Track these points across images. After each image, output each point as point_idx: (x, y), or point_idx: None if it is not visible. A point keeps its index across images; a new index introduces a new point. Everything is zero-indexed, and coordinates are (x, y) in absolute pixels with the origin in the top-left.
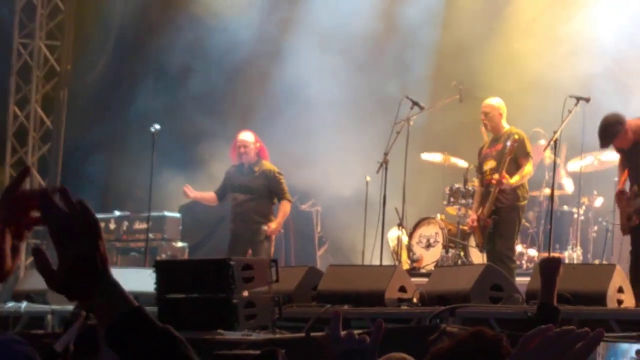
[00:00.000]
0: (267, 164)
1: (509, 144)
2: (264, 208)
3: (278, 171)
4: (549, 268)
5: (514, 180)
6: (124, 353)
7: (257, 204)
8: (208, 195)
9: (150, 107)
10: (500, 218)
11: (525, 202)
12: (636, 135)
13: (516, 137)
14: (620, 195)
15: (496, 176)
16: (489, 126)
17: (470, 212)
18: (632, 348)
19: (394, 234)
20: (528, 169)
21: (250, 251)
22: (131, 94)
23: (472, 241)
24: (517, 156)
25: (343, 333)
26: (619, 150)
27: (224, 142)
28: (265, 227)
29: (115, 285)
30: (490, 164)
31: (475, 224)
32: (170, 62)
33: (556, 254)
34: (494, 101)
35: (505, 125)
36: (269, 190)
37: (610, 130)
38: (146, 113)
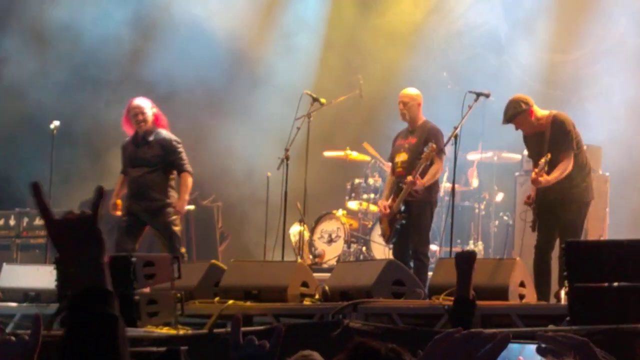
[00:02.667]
0: (164, 132)
1: (426, 149)
2: (162, 182)
3: (175, 139)
4: (465, 262)
5: (426, 179)
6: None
7: (153, 178)
8: (120, 185)
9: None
10: (412, 213)
11: (437, 195)
12: (540, 123)
13: (434, 145)
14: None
15: (410, 178)
16: (407, 116)
17: (372, 206)
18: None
19: (295, 230)
20: (439, 165)
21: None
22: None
23: (374, 236)
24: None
25: (244, 339)
26: (524, 134)
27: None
28: (170, 209)
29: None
30: (402, 157)
31: (387, 211)
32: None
33: (457, 249)
34: (412, 91)
35: (422, 117)
36: (166, 162)
37: (514, 106)
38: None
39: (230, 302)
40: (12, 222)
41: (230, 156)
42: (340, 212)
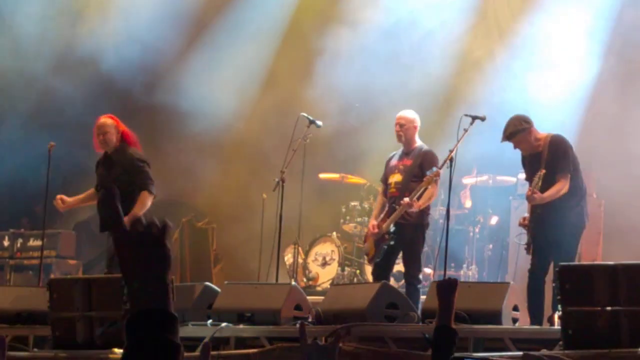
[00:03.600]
0: (129, 152)
1: (429, 173)
2: (125, 207)
3: (139, 158)
4: (446, 290)
5: (422, 202)
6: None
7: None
8: (87, 195)
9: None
10: (405, 237)
11: (429, 218)
12: (538, 144)
13: (438, 171)
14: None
15: (406, 200)
16: (403, 138)
17: (367, 229)
18: None
19: (290, 252)
20: (434, 189)
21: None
22: None
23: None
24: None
25: None
26: (522, 156)
27: None
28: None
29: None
30: (396, 177)
31: (376, 230)
32: None
33: (451, 272)
34: (409, 114)
35: (418, 140)
36: (128, 183)
37: (514, 124)
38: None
39: (224, 325)
40: (5, 242)
41: (225, 178)
42: (334, 235)
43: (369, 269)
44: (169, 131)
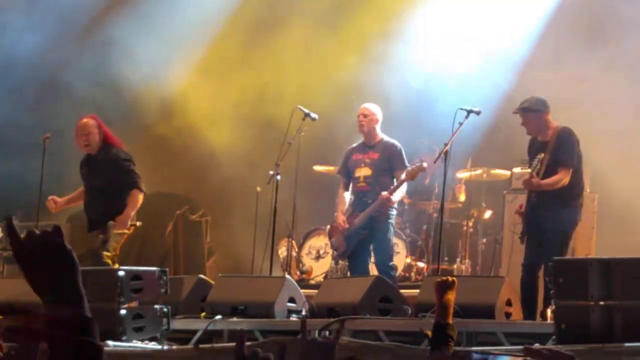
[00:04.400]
0: (113, 152)
1: (410, 167)
2: (114, 207)
3: (124, 157)
4: (445, 289)
5: (397, 196)
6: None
7: (103, 202)
8: (77, 194)
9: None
10: (378, 229)
11: (396, 209)
12: (546, 132)
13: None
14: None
15: (385, 194)
16: (366, 128)
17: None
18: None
19: (284, 245)
20: (405, 183)
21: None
22: None
23: None
24: (396, 168)
25: (248, 351)
26: (527, 133)
27: None
28: (110, 222)
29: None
30: (364, 172)
31: (347, 225)
32: None
33: (445, 266)
34: (373, 106)
35: (380, 134)
36: (116, 183)
37: (531, 102)
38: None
39: (217, 317)
40: None
41: (219, 170)
42: (328, 228)
43: None
44: (163, 123)
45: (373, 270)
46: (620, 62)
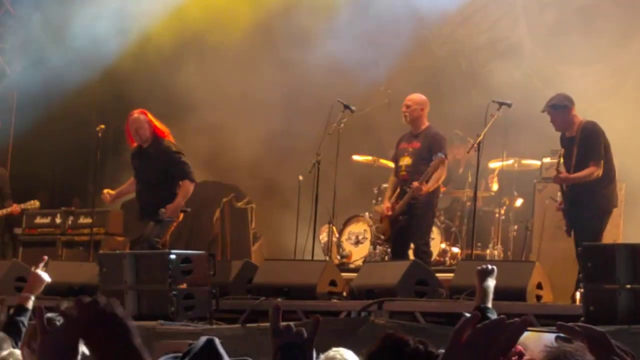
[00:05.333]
0: (164, 145)
1: (435, 158)
2: (165, 196)
3: (175, 149)
4: (485, 275)
5: (430, 184)
6: None
7: (155, 192)
8: (128, 185)
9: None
10: (414, 215)
11: (438, 197)
12: (572, 127)
13: (443, 157)
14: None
15: (415, 184)
16: (409, 118)
17: None
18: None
19: (324, 231)
20: (442, 171)
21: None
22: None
23: None
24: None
25: (282, 325)
26: (555, 129)
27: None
28: (162, 209)
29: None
30: (406, 161)
31: (390, 212)
32: None
33: (478, 252)
34: (417, 96)
35: (426, 122)
36: (167, 174)
37: (558, 99)
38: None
39: (262, 298)
40: (58, 220)
41: (263, 159)
42: (367, 215)
43: None
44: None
45: (411, 256)
46: None
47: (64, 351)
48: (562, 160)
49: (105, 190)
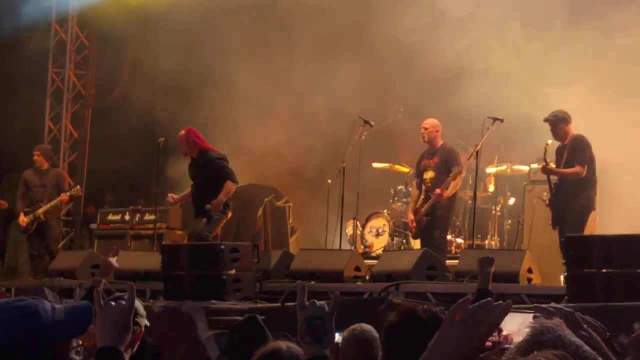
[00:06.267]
0: (209, 154)
1: (454, 170)
2: (212, 195)
3: (219, 157)
4: (486, 264)
5: (450, 191)
6: None
7: (204, 197)
8: (188, 193)
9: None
10: (437, 214)
11: (456, 201)
12: (566, 138)
13: (460, 169)
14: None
15: (438, 191)
16: (427, 138)
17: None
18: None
19: (350, 226)
20: (458, 180)
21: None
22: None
23: None
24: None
25: (307, 301)
26: (554, 138)
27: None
28: (207, 205)
29: None
30: (429, 174)
31: (414, 224)
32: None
33: (478, 242)
34: (431, 120)
35: (441, 140)
36: (214, 180)
37: (561, 114)
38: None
39: (298, 281)
40: (127, 217)
41: (300, 166)
42: (385, 212)
43: (411, 239)
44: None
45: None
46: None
47: (118, 325)
48: (547, 149)
49: (170, 194)
